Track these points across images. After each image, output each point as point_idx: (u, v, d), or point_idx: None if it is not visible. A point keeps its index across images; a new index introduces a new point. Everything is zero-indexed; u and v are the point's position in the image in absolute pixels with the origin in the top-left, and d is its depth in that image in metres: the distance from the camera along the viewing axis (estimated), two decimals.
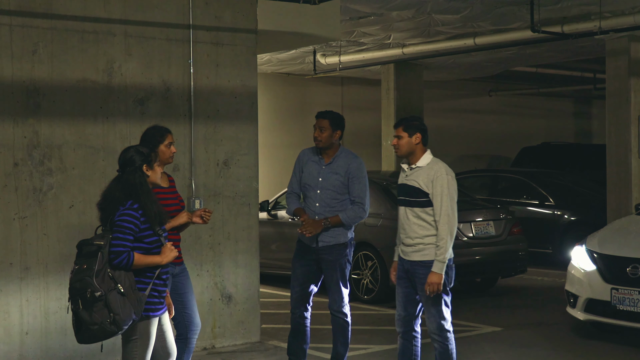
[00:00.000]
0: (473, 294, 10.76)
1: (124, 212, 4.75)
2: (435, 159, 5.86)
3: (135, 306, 4.71)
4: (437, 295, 5.72)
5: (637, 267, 7.42)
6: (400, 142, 5.82)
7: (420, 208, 5.74)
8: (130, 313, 4.68)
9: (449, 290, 5.82)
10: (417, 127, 5.82)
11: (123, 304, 4.65)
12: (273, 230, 11.23)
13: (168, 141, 5.63)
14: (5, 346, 6.58)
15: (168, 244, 4.90)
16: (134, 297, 4.71)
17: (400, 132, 5.82)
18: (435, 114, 19.31)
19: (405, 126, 5.81)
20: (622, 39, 12.87)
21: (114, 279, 4.66)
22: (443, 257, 5.66)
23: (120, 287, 4.65)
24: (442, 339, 5.82)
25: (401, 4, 10.84)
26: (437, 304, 5.76)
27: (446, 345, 5.83)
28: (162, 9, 7.30)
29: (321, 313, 8.43)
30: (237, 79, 7.72)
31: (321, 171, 6.49)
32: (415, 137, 5.79)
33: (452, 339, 5.87)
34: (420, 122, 5.88)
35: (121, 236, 4.70)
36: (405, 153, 5.84)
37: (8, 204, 6.60)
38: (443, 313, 5.79)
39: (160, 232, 4.86)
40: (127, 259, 4.69)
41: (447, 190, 5.69)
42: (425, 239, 5.75)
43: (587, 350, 7.68)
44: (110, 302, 4.62)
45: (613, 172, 13.24)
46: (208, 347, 7.55)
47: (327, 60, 14.93)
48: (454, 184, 5.75)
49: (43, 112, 6.73)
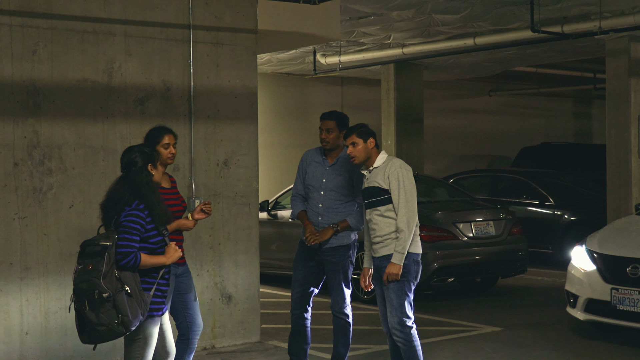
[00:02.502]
0: (473, 294, 10.76)
1: (130, 213, 4.75)
2: (390, 157, 5.98)
3: (142, 307, 4.72)
4: (399, 289, 5.78)
5: (637, 267, 7.42)
6: (357, 149, 5.91)
7: (383, 206, 5.86)
8: (137, 314, 4.69)
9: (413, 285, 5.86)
10: (370, 132, 5.96)
11: (131, 305, 4.65)
12: (273, 230, 11.23)
13: (165, 141, 5.61)
14: (5, 346, 6.58)
15: (172, 244, 4.90)
16: (141, 298, 4.72)
17: (355, 138, 5.92)
18: (435, 114, 19.32)
19: (358, 133, 5.93)
20: (622, 39, 12.88)
21: (121, 280, 4.66)
22: (402, 247, 5.75)
23: (127, 288, 4.66)
24: (404, 335, 5.82)
25: (401, 4, 10.84)
26: (400, 299, 5.80)
27: (409, 342, 5.82)
28: (162, 9, 7.30)
29: (322, 313, 8.43)
30: (237, 79, 7.72)
31: (325, 172, 6.49)
32: (369, 141, 5.92)
33: (416, 336, 5.87)
34: (368, 128, 6.00)
35: (128, 237, 4.70)
36: (363, 159, 5.95)
37: (8, 204, 6.60)
38: (405, 309, 5.81)
39: (165, 233, 4.87)
40: (135, 259, 4.69)
41: (402, 182, 5.79)
42: (392, 234, 5.84)
43: (587, 350, 7.68)
44: (119, 304, 4.62)
45: (613, 172, 13.24)
46: (208, 347, 7.56)
47: (327, 60, 14.93)
48: (409, 177, 5.84)
49: (43, 112, 6.73)
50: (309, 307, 6.57)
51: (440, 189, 11.70)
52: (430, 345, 7.80)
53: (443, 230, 9.92)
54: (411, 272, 5.84)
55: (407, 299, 5.83)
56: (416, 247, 5.90)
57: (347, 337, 6.55)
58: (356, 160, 5.94)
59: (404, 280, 5.81)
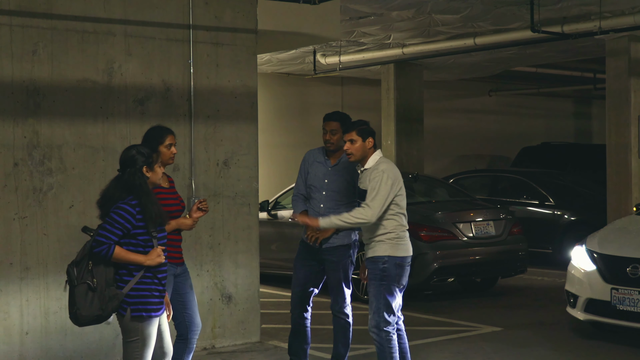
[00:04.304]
0: (473, 294, 10.76)
1: (119, 206, 4.78)
2: (382, 159, 5.88)
3: (105, 303, 4.72)
4: (377, 292, 5.75)
5: (637, 267, 7.42)
6: (354, 146, 5.85)
7: None
8: (94, 310, 4.70)
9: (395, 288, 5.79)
10: (370, 131, 5.89)
11: (91, 300, 4.68)
12: (273, 230, 11.23)
13: (168, 142, 5.62)
14: (5, 346, 6.58)
15: (158, 248, 4.88)
16: (107, 294, 4.72)
17: (354, 135, 5.85)
18: (435, 114, 19.32)
19: (359, 130, 5.86)
20: (622, 39, 12.88)
21: (92, 272, 4.69)
22: (337, 219, 5.75)
23: (95, 281, 4.68)
24: (380, 338, 5.78)
25: (401, 4, 10.84)
26: (377, 302, 5.77)
27: (382, 346, 5.77)
28: (162, 9, 7.30)
29: (322, 313, 8.43)
30: (237, 79, 7.72)
31: (327, 173, 6.49)
32: (368, 141, 5.85)
33: (393, 342, 5.79)
34: (369, 126, 5.93)
35: (109, 227, 4.74)
36: (359, 157, 5.89)
37: (8, 204, 6.60)
38: (382, 312, 5.76)
39: (155, 234, 4.86)
40: (108, 250, 4.71)
41: (378, 184, 5.70)
42: (378, 236, 5.82)
43: (587, 350, 7.68)
44: (76, 295, 4.69)
45: (613, 172, 13.24)
46: (208, 347, 7.55)
47: (327, 60, 14.93)
48: (387, 182, 5.72)
49: (43, 112, 6.73)
50: (308, 307, 6.57)
51: (440, 189, 11.71)
52: (430, 345, 7.80)
53: (443, 230, 9.92)
54: (391, 275, 5.77)
55: (385, 302, 5.77)
56: (399, 251, 5.81)
57: (347, 337, 6.55)
58: (352, 157, 5.90)
59: (383, 284, 5.77)
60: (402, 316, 6.04)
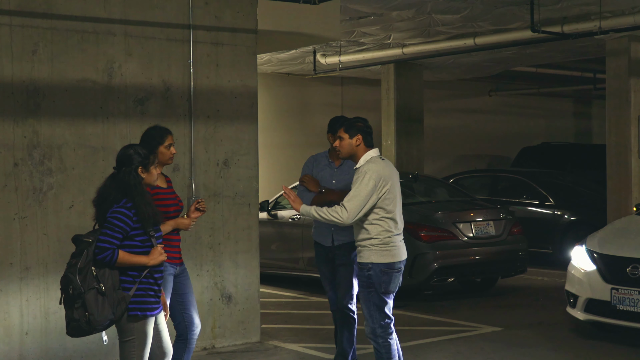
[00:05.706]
0: (473, 294, 10.76)
1: (116, 210, 4.77)
2: (373, 158, 5.74)
3: (115, 307, 4.72)
4: (367, 300, 5.69)
5: (637, 267, 7.42)
6: (342, 144, 5.78)
7: None
8: (107, 314, 4.70)
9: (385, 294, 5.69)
10: (359, 128, 5.77)
11: (102, 304, 4.68)
12: (273, 230, 11.23)
13: (168, 142, 5.62)
14: (5, 346, 6.58)
15: (159, 246, 4.89)
16: (115, 297, 4.73)
17: (342, 133, 5.79)
18: (435, 114, 19.32)
19: (347, 127, 5.78)
20: (622, 39, 12.87)
21: (97, 277, 4.68)
22: (315, 211, 5.61)
23: (102, 286, 4.67)
24: (377, 344, 5.73)
25: (401, 4, 10.84)
26: (368, 309, 5.71)
27: (380, 352, 5.72)
28: (162, 9, 7.30)
29: (322, 313, 8.44)
30: (237, 79, 7.72)
31: (333, 174, 6.59)
32: (355, 138, 5.74)
33: (389, 347, 5.72)
34: (364, 123, 5.82)
35: (109, 232, 4.73)
36: (346, 155, 5.81)
37: (8, 204, 6.60)
38: (375, 318, 5.70)
39: (152, 234, 4.86)
40: (111, 255, 4.70)
41: (357, 186, 5.57)
42: (362, 242, 5.71)
43: (587, 350, 7.67)
44: (87, 301, 4.66)
45: (613, 172, 13.24)
46: (208, 347, 7.55)
47: (327, 60, 14.93)
48: (367, 184, 5.57)
49: (43, 112, 6.73)
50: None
51: (440, 189, 11.70)
52: (430, 345, 7.80)
53: (443, 230, 9.91)
54: (376, 282, 5.67)
55: (377, 308, 5.69)
56: (385, 257, 5.67)
57: (352, 334, 6.57)
58: (340, 155, 5.85)
59: (371, 291, 5.69)
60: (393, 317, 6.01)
